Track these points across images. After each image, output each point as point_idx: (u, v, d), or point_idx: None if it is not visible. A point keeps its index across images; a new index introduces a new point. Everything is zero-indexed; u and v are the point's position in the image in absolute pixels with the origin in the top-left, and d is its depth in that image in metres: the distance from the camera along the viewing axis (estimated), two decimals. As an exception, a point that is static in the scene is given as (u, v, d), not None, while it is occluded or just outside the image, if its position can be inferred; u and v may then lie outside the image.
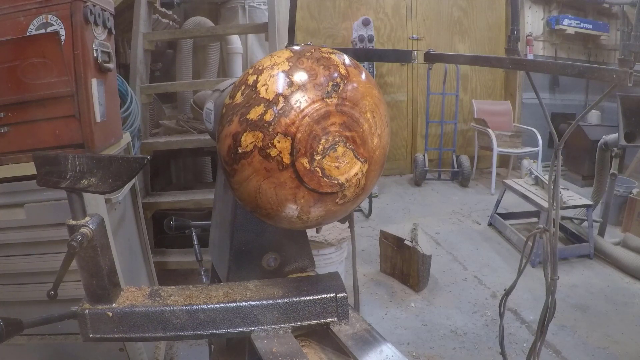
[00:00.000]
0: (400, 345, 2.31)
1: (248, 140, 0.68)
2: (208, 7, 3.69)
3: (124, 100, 2.47)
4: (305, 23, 4.97)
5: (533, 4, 5.46)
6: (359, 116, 0.70)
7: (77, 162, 0.89)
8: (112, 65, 1.76)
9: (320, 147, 0.68)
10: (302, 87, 0.68)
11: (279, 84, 0.68)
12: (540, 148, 4.80)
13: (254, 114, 0.67)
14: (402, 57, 2.76)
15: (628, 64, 0.95)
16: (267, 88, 0.68)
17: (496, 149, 4.71)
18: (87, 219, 0.82)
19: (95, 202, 1.55)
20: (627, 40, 0.97)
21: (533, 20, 5.48)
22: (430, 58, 1.58)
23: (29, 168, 1.41)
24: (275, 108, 0.67)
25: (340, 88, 0.69)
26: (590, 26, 5.50)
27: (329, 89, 0.69)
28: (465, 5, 5.41)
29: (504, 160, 5.53)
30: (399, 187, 5.12)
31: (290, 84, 0.68)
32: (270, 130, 0.67)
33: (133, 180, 2.15)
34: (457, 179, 5.15)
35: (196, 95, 3.18)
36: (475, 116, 5.16)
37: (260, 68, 0.71)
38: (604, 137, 3.24)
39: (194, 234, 2.58)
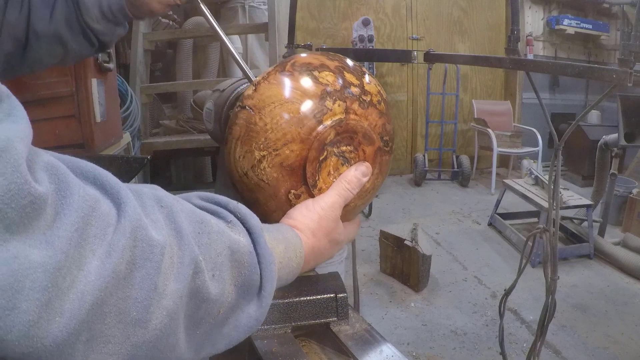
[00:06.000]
0: (400, 345, 2.31)
1: None
2: (208, 7, 3.69)
3: (124, 100, 2.47)
4: (305, 23, 4.97)
5: (533, 4, 5.47)
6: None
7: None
8: (112, 65, 1.76)
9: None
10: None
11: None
12: (540, 148, 4.80)
13: None
14: (402, 57, 2.76)
15: (628, 64, 0.95)
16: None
17: (496, 149, 4.71)
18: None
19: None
20: (627, 40, 0.97)
21: (533, 20, 5.48)
22: (430, 58, 1.58)
23: (29, 168, 1.41)
24: None
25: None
26: (590, 26, 5.50)
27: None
28: (465, 5, 5.41)
29: (504, 160, 5.53)
30: (399, 187, 5.12)
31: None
32: None
33: (133, 180, 2.15)
34: (457, 179, 5.15)
35: (196, 95, 3.18)
36: (475, 116, 5.16)
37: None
38: (604, 137, 3.24)
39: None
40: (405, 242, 2.82)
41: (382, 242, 3.03)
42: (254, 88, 0.57)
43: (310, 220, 0.53)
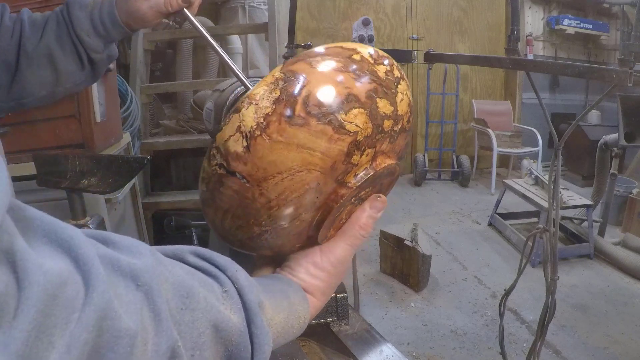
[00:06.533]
0: (400, 345, 2.31)
1: None
2: (208, 7, 3.69)
3: (124, 100, 2.47)
4: (305, 23, 4.97)
5: (533, 4, 5.46)
6: None
7: (77, 162, 0.89)
8: (112, 65, 1.76)
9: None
10: None
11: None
12: (540, 148, 4.80)
13: None
14: (402, 57, 2.77)
15: (628, 64, 0.95)
16: None
17: (496, 149, 4.71)
18: (87, 219, 0.82)
19: (95, 202, 1.55)
20: (627, 40, 0.97)
21: (533, 20, 5.48)
22: (430, 58, 1.58)
23: (29, 168, 1.41)
24: None
25: None
26: (590, 26, 5.50)
27: None
28: (465, 5, 5.41)
29: (504, 160, 5.53)
30: (399, 187, 5.11)
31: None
32: None
33: (133, 180, 2.15)
34: (457, 179, 5.15)
35: (196, 95, 3.18)
36: (475, 116, 5.16)
37: None
38: (604, 137, 3.24)
39: (194, 233, 2.58)
40: (405, 242, 2.82)
41: (382, 242, 3.03)
42: (245, 144, 0.38)
43: (320, 281, 0.48)
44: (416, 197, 4.77)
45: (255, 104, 0.38)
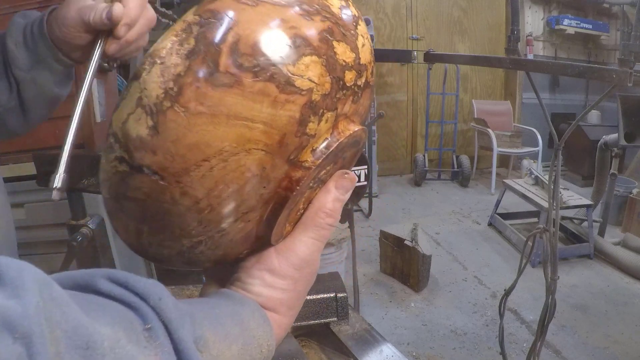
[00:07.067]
0: (400, 345, 2.31)
1: None
2: (208, 7, 3.70)
3: (124, 100, 2.47)
4: (305, 23, 4.96)
5: (533, 4, 5.47)
6: None
7: (77, 162, 0.89)
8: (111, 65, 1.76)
9: None
10: None
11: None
12: (540, 148, 4.80)
13: None
14: (402, 57, 2.77)
15: (628, 64, 0.95)
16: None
17: (496, 149, 4.71)
18: (87, 219, 0.82)
19: (95, 202, 1.55)
20: (627, 40, 0.97)
21: (533, 20, 5.48)
22: (430, 58, 1.59)
23: (29, 168, 1.41)
24: None
25: None
26: (590, 26, 5.50)
27: None
28: (465, 5, 5.42)
29: (504, 160, 5.53)
30: (399, 187, 5.12)
31: None
32: None
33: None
34: (457, 179, 5.16)
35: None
36: (475, 116, 5.16)
37: None
38: (604, 137, 3.24)
39: (194, 234, 2.55)
40: (405, 242, 2.82)
41: (382, 242, 3.03)
42: (151, 124, 0.27)
43: (282, 291, 0.37)
44: (416, 197, 4.77)
45: (161, 63, 0.26)
